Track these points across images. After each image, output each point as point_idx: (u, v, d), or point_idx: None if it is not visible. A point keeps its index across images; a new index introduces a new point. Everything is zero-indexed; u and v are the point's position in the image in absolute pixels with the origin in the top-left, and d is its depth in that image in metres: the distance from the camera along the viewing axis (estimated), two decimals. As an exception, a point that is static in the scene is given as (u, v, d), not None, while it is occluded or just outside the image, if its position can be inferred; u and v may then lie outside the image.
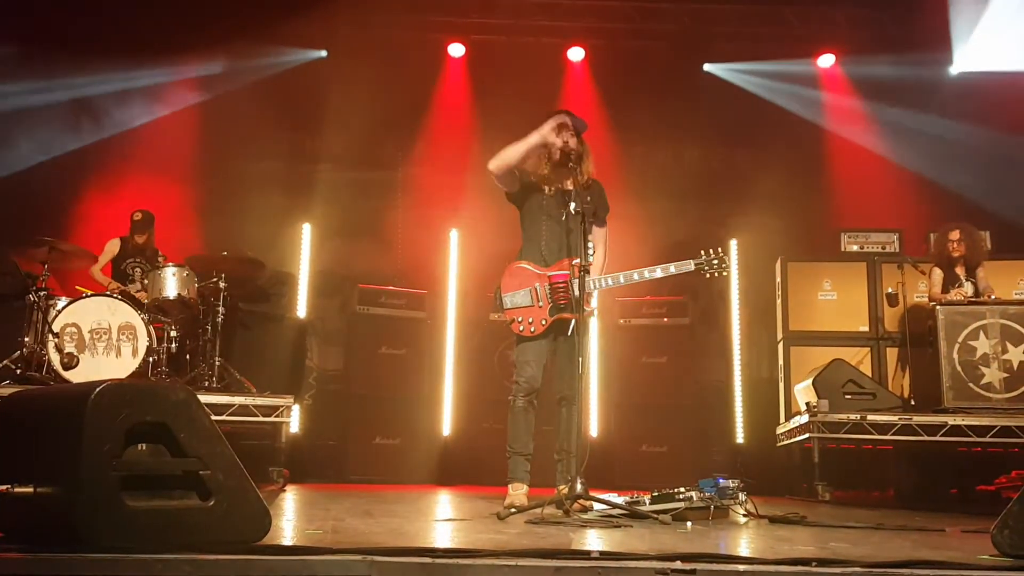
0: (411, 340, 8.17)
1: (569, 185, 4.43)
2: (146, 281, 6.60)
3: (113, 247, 7.06)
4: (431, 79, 8.72)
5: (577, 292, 4.20)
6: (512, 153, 4.40)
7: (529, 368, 4.39)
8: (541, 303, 4.37)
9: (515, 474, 4.37)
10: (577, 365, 4.03)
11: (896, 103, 8.07)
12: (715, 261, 4.33)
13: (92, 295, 6.29)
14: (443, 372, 8.21)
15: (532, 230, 4.53)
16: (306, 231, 8.45)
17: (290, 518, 3.79)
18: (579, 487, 3.76)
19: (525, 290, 4.40)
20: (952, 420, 6.05)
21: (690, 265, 4.33)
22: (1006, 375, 6.15)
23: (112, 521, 2.17)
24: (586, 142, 4.55)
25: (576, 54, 8.78)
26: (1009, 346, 6.17)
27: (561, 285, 4.34)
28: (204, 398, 3.43)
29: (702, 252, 4.34)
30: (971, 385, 6.17)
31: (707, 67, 7.96)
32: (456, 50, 8.80)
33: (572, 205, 4.28)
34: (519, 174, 4.52)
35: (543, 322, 4.35)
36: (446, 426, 8.09)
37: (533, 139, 4.41)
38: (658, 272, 4.31)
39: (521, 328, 4.38)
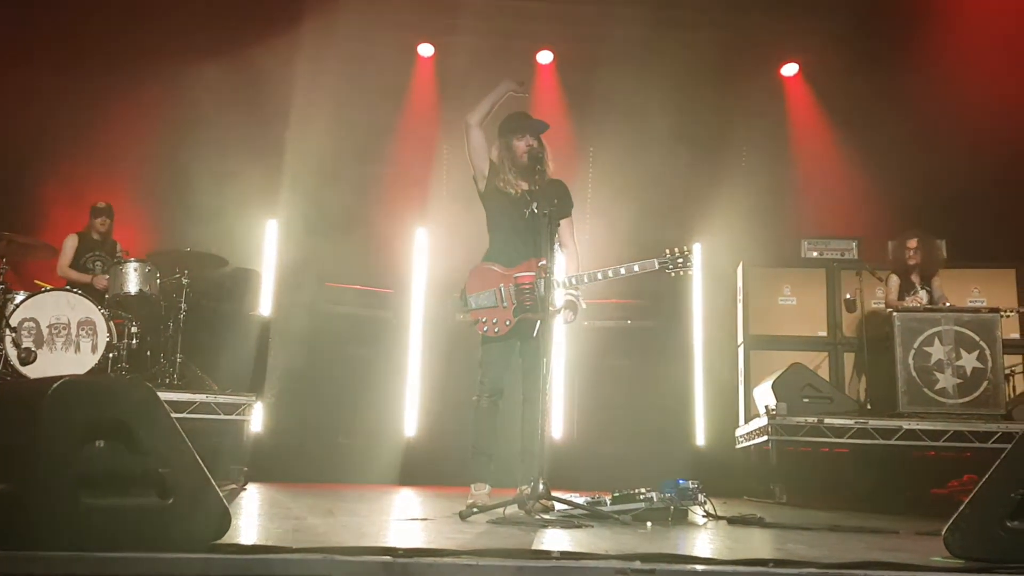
0: (376, 339, 8.15)
1: (533, 186, 4.45)
2: (107, 277, 6.52)
3: (72, 242, 6.97)
4: (401, 78, 8.69)
5: (543, 292, 4.23)
6: (485, 104, 4.50)
7: (493, 368, 4.40)
8: (506, 304, 4.38)
9: (478, 474, 4.37)
10: (541, 366, 4.04)
11: (858, 113, 8.19)
12: (679, 260, 4.33)
13: (51, 289, 6.20)
14: (407, 372, 8.20)
15: (497, 231, 4.54)
16: (271, 228, 8.40)
17: (251, 517, 3.76)
18: (541, 487, 3.78)
19: (490, 291, 4.40)
20: (907, 424, 6.17)
21: (654, 264, 4.32)
22: (959, 381, 6.27)
23: (69, 519, 2.14)
24: (545, 143, 4.57)
25: (545, 57, 8.82)
26: (963, 352, 6.29)
27: (527, 286, 4.35)
28: (164, 395, 3.41)
29: (666, 251, 4.34)
30: (925, 390, 6.28)
31: (674, 72, 8.01)
32: (425, 50, 8.79)
33: (535, 205, 4.32)
34: (488, 174, 4.53)
35: (507, 323, 4.36)
36: (410, 426, 8.08)
37: (502, 86, 4.51)
38: (622, 271, 4.33)
39: (485, 328, 4.39)
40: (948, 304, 6.70)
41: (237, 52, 7.78)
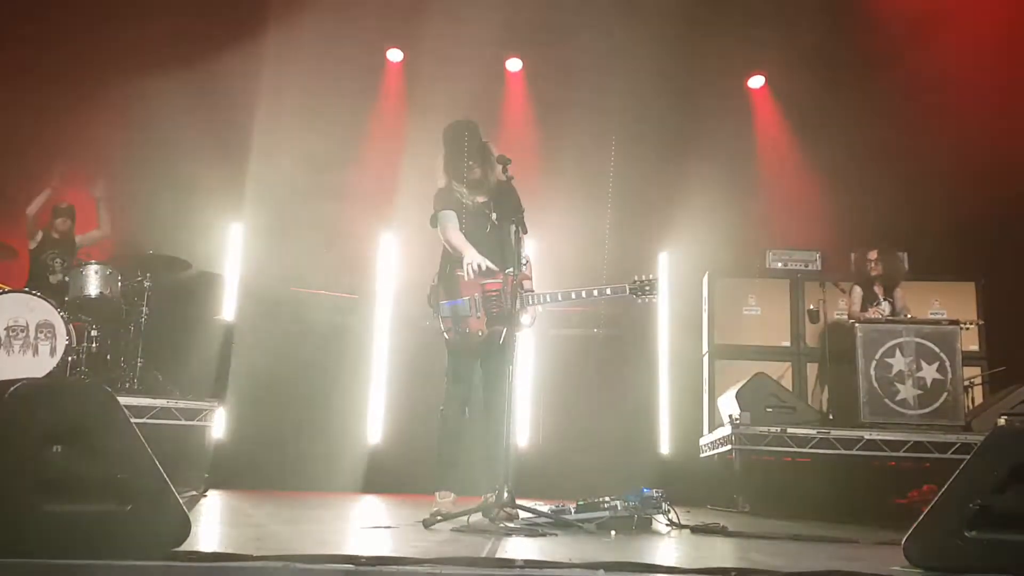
0: (340, 345, 8.10)
1: (488, 195, 4.52)
2: (67, 279, 6.41)
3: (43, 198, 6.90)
4: (369, 83, 8.66)
5: (509, 303, 4.26)
6: (450, 246, 4.45)
7: (461, 378, 4.41)
8: (479, 313, 4.38)
9: (442, 481, 4.37)
10: (508, 374, 4.05)
11: (823, 126, 8.29)
12: (647, 286, 4.43)
13: (10, 291, 6.08)
14: (372, 378, 8.15)
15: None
16: (236, 232, 8.32)
17: (211, 524, 3.72)
18: (506, 495, 3.77)
19: (465, 299, 4.41)
20: (868, 435, 6.24)
21: (625, 289, 4.42)
22: (920, 392, 6.35)
23: (26, 526, 2.11)
24: (490, 147, 4.56)
25: (514, 64, 8.84)
26: (923, 364, 6.38)
27: (494, 294, 4.35)
28: (124, 400, 3.35)
29: (635, 277, 4.43)
30: (886, 401, 6.35)
31: (640, 83, 8.06)
32: (395, 55, 8.77)
33: (495, 216, 4.42)
34: (447, 196, 4.55)
35: (480, 333, 4.37)
36: (374, 433, 8.04)
37: (466, 255, 4.39)
38: (595, 293, 4.40)
39: (458, 338, 4.39)
40: (909, 316, 6.80)
41: (203, 55, 7.70)
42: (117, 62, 7.62)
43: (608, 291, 4.41)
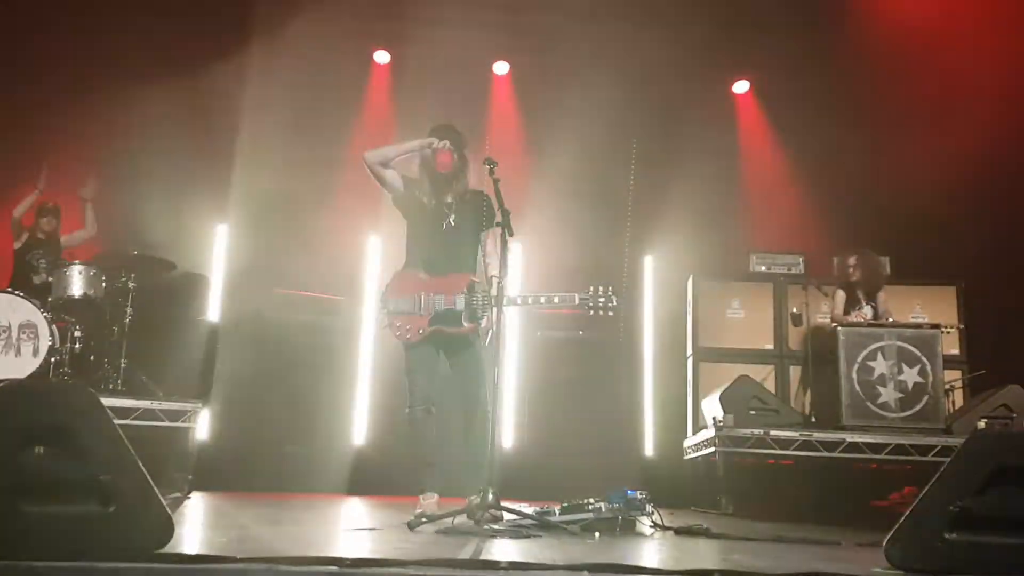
0: (326, 346, 8.07)
1: (453, 197, 4.51)
2: (51, 279, 6.37)
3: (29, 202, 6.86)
4: (355, 84, 8.65)
5: (465, 306, 4.31)
6: (390, 151, 4.49)
7: (419, 377, 4.44)
8: (422, 312, 4.40)
9: (425, 483, 4.37)
10: (492, 375, 4.05)
11: (806, 131, 8.34)
12: (601, 299, 4.18)
13: (-9, 291, 6.04)
14: (357, 379, 8.13)
15: (417, 241, 4.56)
16: (221, 232, 8.28)
17: (194, 526, 3.71)
18: (490, 497, 3.78)
19: (409, 297, 4.42)
20: (850, 437, 6.28)
21: (574, 299, 4.21)
22: (901, 395, 6.40)
23: (6, 528, 2.10)
24: (468, 156, 4.57)
25: (501, 68, 8.85)
26: (905, 367, 6.43)
27: (476, 297, 4.37)
28: (108, 401, 3.34)
29: (591, 288, 4.21)
30: (868, 404, 6.40)
31: (627, 87, 8.08)
32: (382, 57, 8.76)
33: (452, 218, 4.44)
34: (403, 183, 4.54)
35: (420, 331, 4.39)
36: (359, 434, 8.02)
37: (414, 144, 4.50)
38: (542, 299, 4.31)
39: (398, 334, 4.42)
40: (891, 320, 6.86)
41: (189, 57, 7.67)
42: (103, 64, 7.59)
43: (556, 299, 4.20)
